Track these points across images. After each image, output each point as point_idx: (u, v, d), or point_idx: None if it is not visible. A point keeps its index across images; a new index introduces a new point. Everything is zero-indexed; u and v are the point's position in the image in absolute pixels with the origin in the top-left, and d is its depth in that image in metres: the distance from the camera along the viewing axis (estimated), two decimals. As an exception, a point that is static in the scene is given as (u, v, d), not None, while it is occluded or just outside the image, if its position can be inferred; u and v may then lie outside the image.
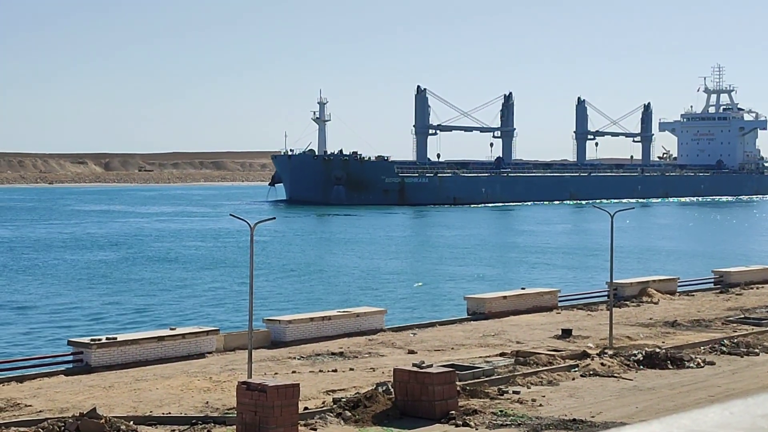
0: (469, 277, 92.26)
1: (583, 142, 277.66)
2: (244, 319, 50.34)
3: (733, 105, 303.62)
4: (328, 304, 68.72)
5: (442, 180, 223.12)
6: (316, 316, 54.71)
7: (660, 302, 68.73)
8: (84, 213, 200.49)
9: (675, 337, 54.81)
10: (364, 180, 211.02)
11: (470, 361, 45.94)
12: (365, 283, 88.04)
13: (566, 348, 50.35)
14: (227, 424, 35.15)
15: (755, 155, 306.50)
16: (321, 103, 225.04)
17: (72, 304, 73.64)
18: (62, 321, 66.23)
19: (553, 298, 66.19)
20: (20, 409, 37.30)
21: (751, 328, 57.90)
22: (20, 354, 51.18)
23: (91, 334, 51.90)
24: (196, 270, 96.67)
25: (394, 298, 75.61)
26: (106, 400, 38.27)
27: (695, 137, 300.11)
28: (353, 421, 36.07)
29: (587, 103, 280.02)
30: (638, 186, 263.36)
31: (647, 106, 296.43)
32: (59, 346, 51.06)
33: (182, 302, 75.56)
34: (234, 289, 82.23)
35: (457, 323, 59.32)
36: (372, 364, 46.47)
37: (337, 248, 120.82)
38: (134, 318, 67.61)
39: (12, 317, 67.50)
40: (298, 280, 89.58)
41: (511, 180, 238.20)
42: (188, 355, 47.57)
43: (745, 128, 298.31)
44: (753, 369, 47.19)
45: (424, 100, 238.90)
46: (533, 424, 35.95)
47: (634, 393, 41.69)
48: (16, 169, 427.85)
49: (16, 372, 43.67)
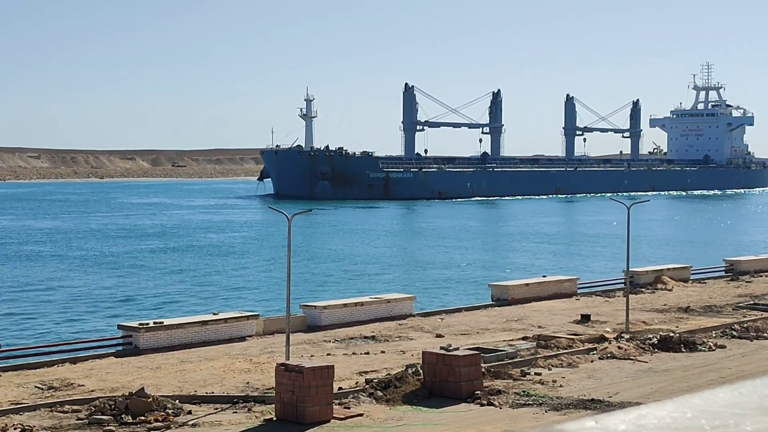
0: (490, 266, 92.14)
1: (571, 138, 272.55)
2: (282, 305, 50.47)
3: (721, 102, 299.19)
4: (358, 291, 68.84)
5: (426, 175, 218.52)
6: (350, 302, 54.84)
7: (674, 289, 68.49)
8: (132, 205, 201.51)
9: (688, 322, 54.61)
10: (349, 175, 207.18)
11: (494, 345, 45.93)
12: (393, 270, 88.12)
13: (585, 332, 50.26)
14: (266, 402, 35.28)
15: (743, 150, 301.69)
16: (308, 100, 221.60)
17: (121, 291, 74.08)
18: (112, 306, 66.63)
19: (572, 285, 66.06)
20: (74, 389, 37.61)
21: (760, 314, 57.66)
22: (73, 337, 51.53)
23: (139, 318, 52.21)
24: (235, 258, 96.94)
25: (422, 286, 75.55)
26: (153, 380, 38.49)
27: (684, 133, 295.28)
28: (384, 400, 36.13)
29: (576, 100, 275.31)
30: (624, 180, 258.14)
31: (636, 102, 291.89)
32: (109, 330, 51.32)
33: (224, 289, 75.83)
34: (274, 275, 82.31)
35: (481, 309, 59.31)
36: (402, 347, 46.53)
37: (354, 239, 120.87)
38: (179, 303, 67.94)
39: (65, 303, 67.97)
40: (326, 268, 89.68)
41: (497, 175, 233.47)
42: (230, 339, 47.76)
43: (733, 124, 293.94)
44: (762, 352, 46.97)
45: (411, 97, 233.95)
46: (554, 404, 35.93)
47: (649, 375, 41.58)
48: (70, 165, 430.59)
49: (70, 354, 44.03)
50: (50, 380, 38.88)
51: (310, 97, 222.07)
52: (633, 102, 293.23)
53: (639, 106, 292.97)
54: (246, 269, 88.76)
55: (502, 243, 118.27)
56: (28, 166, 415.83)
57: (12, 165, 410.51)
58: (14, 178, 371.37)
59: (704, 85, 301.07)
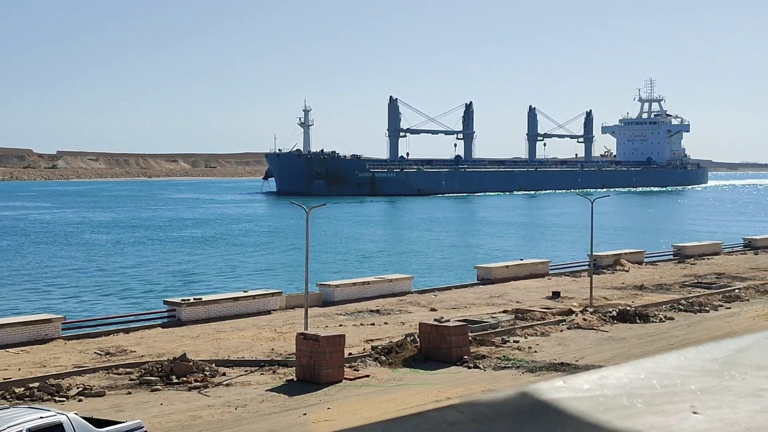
0: (471, 250, 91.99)
1: (533, 143, 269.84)
2: (300, 283, 50.51)
3: (662, 111, 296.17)
4: (365, 271, 68.82)
5: (407, 174, 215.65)
6: (358, 281, 54.87)
7: (630, 270, 68.41)
8: (176, 200, 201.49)
9: (642, 298, 54.59)
10: (341, 175, 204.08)
11: (479, 317, 45.96)
12: (392, 255, 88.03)
13: (555, 306, 50.27)
14: (288, 366, 35.34)
15: (680, 153, 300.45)
16: (305, 110, 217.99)
17: (167, 271, 74.09)
18: (159, 284, 66.64)
19: (545, 267, 66.02)
20: (127, 354, 37.68)
21: (702, 291, 57.64)
22: (126, 311, 51.60)
23: (181, 295, 52.25)
24: (262, 243, 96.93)
25: (418, 267, 75.47)
26: (193, 347, 38.55)
27: (630, 138, 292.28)
28: (387, 364, 36.18)
29: (537, 110, 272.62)
30: (578, 179, 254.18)
31: (589, 112, 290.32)
32: (157, 305, 51.36)
33: (252, 270, 75.81)
34: (292, 258, 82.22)
35: (469, 287, 59.30)
36: (402, 319, 46.56)
37: (352, 228, 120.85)
38: (215, 282, 67.92)
39: (120, 282, 68.00)
40: (336, 252, 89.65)
41: (468, 174, 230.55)
42: (258, 312, 47.81)
43: (672, 131, 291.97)
44: (704, 323, 46.96)
45: (395, 108, 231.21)
46: (529, 367, 35.95)
47: (610, 342, 41.59)
48: (122, 166, 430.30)
49: (124, 325, 44.12)
50: (107, 347, 38.96)
51: (307, 108, 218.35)
52: (586, 112, 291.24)
53: (591, 115, 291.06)
54: (270, 254, 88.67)
55: (480, 231, 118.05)
56: (87, 167, 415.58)
57: (74, 166, 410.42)
58: (76, 178, 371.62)
59: (648, 97, 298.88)
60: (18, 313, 49.44)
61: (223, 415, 28.91)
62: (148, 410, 29.14)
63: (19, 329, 39.79)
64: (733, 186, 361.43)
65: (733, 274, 66.38)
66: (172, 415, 28.72)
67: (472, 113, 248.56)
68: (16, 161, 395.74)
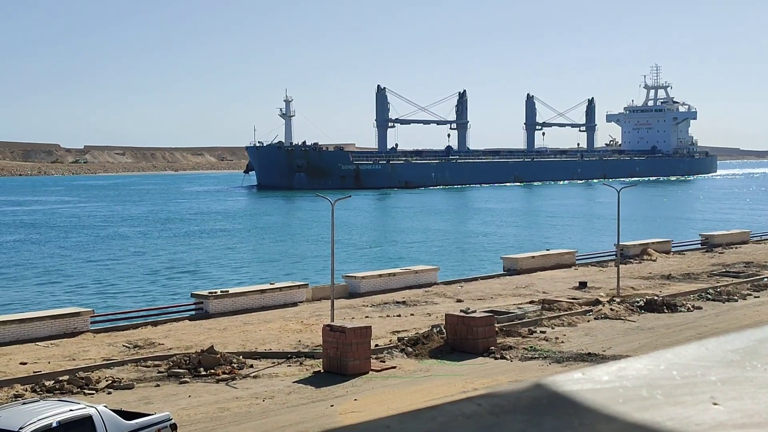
0: (499, 240, 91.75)
1: (532, 132, 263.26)
2: (327, 275, 50.56)
3: (668, 99, 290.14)
4: (392, 263, 68.84)
5: (394, 166, 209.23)
6: (384, 273, 54.88)
7: (657, 260, 68.01)
8: (201, 193, 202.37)
9: (670, 287, 54.26)
10: (323, 168, 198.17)
11: (506, 308, 45.85)
12: (419, 246, 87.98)
13: (582, 297, 50.07)
14: (315, 357, 35.43)
15: (687, 141, 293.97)
16: (286, 101, 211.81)
17: (194, 264, 74.41)
18: (186, 277, 66.95)
19: (571, 257, 65.75)
20: (155, 347, 37.92)
21: (730, 280, 57.21)
22: (154, 304, 51.90)
23: (208, 287, 52.49)
24: (287, 235, 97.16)
25: (444, 258, 75.37)
26: (221, 340, 38.73)
27: (636, 127, 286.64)
28: (414, 355, 36.19)
29: (536, 98, 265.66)
30: (578, 169, 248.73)
31: (591, 100, 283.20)
32: (184, 298, 51.64)
33: (279, 262, 75.98)
34: (318, 251, 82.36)
35: (495, 278, 59.16)
36: (428, 311, 46.55)
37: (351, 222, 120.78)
38: (242, 274, 68.15)
39: (148, 274, 68.36)
40: (362, 243, 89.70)
41: (459, 165, 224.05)
42: (284, 304, 47.94)
43: (678, 118, 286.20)
44: (732, 312, 46.64)
45: (383, 98, 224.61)
46: (556, 357, 35.85)
47: (637, 332, 41.40)
48: (149, 160, 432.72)
49: (152, 318, 44.38)
50: (135, 340, 39.22)
51: (288, 98, 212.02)
52: (588, 100, 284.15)
53: (594, 103, 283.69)
54: (291, 246, 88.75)
55: (475, 221, 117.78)
56: (115, 161, 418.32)
57: (102, 161, 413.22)
58: (104, 172, 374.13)
59: (653, 84, 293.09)
60: (47, 306, 49.91)
61: (251, 407, 29.06)
62: (177, 402, 29.34)
63: (49, 323, 40.16)
64: (750, 174, 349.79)
65: (762, 263, 65.81)
66: (201, 408, 28.89)
67: (466, 102, 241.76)
68: (44, 156, 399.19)
